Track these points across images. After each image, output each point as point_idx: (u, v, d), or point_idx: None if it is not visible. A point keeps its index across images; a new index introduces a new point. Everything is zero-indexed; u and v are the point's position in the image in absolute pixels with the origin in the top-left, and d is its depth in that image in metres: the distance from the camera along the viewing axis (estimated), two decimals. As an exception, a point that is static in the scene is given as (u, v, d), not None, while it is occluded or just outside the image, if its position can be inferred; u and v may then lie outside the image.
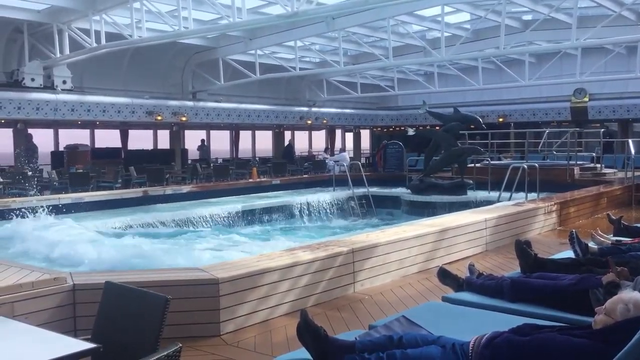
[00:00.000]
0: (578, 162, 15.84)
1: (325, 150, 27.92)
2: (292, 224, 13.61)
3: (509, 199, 11.75)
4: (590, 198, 11.48)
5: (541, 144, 18.16)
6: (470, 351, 2.89)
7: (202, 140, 26.93)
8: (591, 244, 5.50)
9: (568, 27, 15.94)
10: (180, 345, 2.16)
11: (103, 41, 15.25)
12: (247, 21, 13.97)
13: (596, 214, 11.25)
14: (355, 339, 3.14)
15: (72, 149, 21.47)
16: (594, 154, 17.95)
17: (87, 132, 24.08)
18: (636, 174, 13.88)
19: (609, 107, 23.18)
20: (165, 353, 2.07)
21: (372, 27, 19.50)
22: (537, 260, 4.86)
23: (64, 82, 17.87)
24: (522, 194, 11.67)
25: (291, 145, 27.35)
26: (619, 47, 20.24)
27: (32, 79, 17.23)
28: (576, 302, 3.91)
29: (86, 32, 15.61)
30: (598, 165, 16.68)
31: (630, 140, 14.95)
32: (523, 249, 4.90)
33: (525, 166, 12.56)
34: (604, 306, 2.90)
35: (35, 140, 19.12)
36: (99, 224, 10.67)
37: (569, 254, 5.46)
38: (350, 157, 23.82)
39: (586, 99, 23.50)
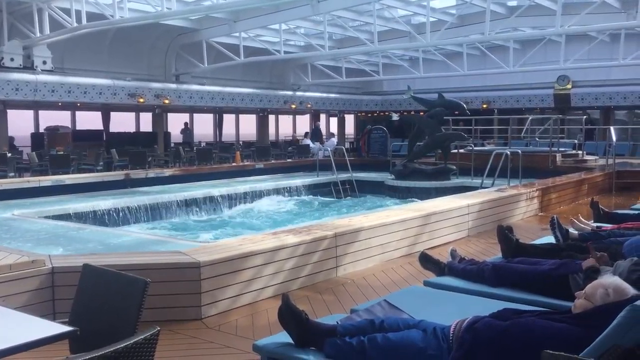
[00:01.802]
0: (560, 149, 15.97)
1: (306, 135, 27.80)
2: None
3: (492, 185, 11.82)
4: (571, 184, 11.58)
5: (524, 130, 18.26)
6: (451, 335, 2.90)
7: (185, 124, 26.72)
8: (571, 230, 5.55)
9: (552, 14, 15.96)
10: (159, 328, 2.13)
11: (84, 21, 14.98)
12: (230, 2, 13.82)
13: (577, 201, 11.36)
14: (337, 322, 3.14)
15: (53, 130, 21.17)
16: (576, 141, 18.10)
17: (67, 113, 23.74)
18: (617, 161, 14.02)
19: (592, 94, 23.34)
20: (142, 336, 2.04)
21: (358, 10, 19.38)
22: (519, 245, 4.89)
23: (44, 62, 17.55)
24: (504, 180, 11.74)
25: (319, 127, 28.60)
26: (602, 35, 20.33)
27: (12, 59, 16.89)
28: (556, 287, 3.94)
29: (67, 11, 15.32)
30: (580, 152, 16.83)
31: (612, 128, 15.09)
32: (505, 234, 4.92)
33: (508, 152, 12.65)
34: (583, 291, 2.92)
35: (14, 121, 18.81)
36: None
37: (549, 239, 5.51)
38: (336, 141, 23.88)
39: (569, 86, 23.65)
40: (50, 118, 23.38)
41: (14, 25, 17.40)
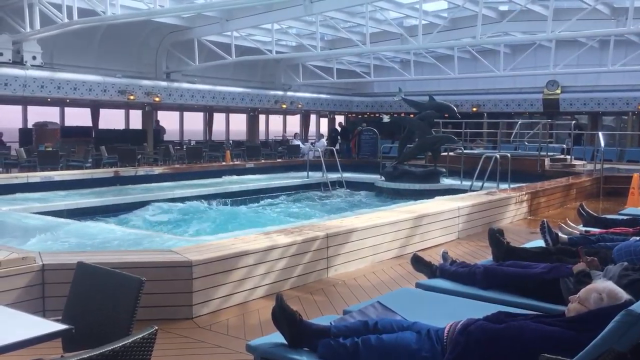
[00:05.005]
0: (549, 153, 16.09)
1: (295, 136, 27.71)
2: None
3: (481, 188, 11.89)
4: (560, 189, 11.67)
5: (513, 134, 18.39)
6: (445, 337, 2.91)
7: (157, 121, 26.14)
8: (561, 234, 5.59)
9: (543, 19, 16.06)
10: (156, 328, 2.12)
11: (75, 17, 14.87)
12: (224, 1, 13.79)
13: (566, 205, 11.44)
14: (331, 323, 3.14)
15: (41, 126, 21.02)
16: (564, 145, 18.24)
17: (56, 109, 23.57)
18: (605, 166, 14.15)
19: (580, 99, 23.52)
20: (140, 336, 2.03)
21: (350, 12, 19.39)
22: (510, 248, 4.92)
23: (34, 57, 17.39)
24: (493, 183, 11.81)
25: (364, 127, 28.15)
26: (592, 41, 20.50)
27: (1, 54, 16.69)
28: (547, 291, 3.96)
29: (58, 6, 15.20)
30: (568, 157, 16.97)
31: (600, 133, 15.23)
32: (496, 237, 4.94)
33: (498, 156, 12.73)
34: (577, 295, 2.95)
35: (2, 116, 18.67)
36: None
37: (539, 243, 5.54)
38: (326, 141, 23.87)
39: (558, 91, 23.81)
40: (39, 114, 23.20)
41: (4, 19, 17.24)
